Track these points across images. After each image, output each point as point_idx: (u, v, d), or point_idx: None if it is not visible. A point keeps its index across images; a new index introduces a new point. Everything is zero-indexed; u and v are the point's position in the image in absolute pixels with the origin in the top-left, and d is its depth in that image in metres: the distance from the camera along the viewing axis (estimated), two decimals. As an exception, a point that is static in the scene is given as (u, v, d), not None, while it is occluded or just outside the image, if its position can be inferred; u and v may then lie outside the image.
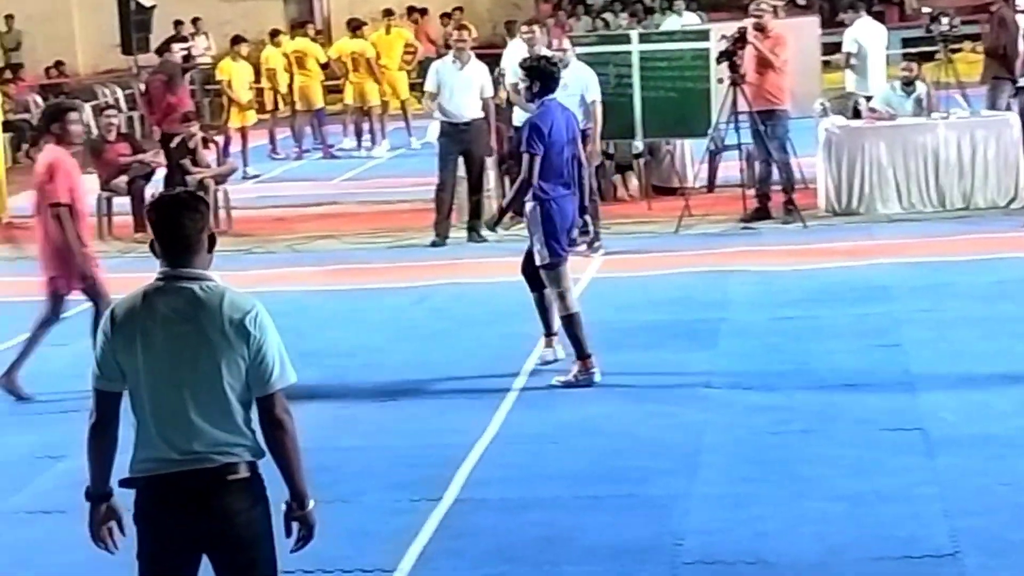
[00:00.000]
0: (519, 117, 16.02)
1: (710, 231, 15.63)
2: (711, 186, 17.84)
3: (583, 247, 14.06)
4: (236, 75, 22.60)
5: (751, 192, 16.11)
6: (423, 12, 31.13)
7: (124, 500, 5.27)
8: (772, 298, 12.52)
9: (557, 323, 10.67)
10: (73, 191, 10.61)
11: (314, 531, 5.32)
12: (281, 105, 24.49)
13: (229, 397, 5.12)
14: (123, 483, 5.23)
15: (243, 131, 22.55)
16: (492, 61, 17.95)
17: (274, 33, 25.07)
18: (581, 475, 8.55)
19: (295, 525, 5.28)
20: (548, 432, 9.36)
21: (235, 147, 22.17)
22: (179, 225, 5.17)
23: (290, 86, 24.09)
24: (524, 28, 15.65)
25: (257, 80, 23.65)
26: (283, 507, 5.26)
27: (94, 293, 10.72)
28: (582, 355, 10.36)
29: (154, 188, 18.14)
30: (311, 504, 5.28)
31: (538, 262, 10.42)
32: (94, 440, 5.27)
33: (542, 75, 10.54)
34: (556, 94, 14.36)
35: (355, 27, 24.45)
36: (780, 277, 13.29)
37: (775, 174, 15.76)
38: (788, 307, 12.18)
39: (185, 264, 5.18)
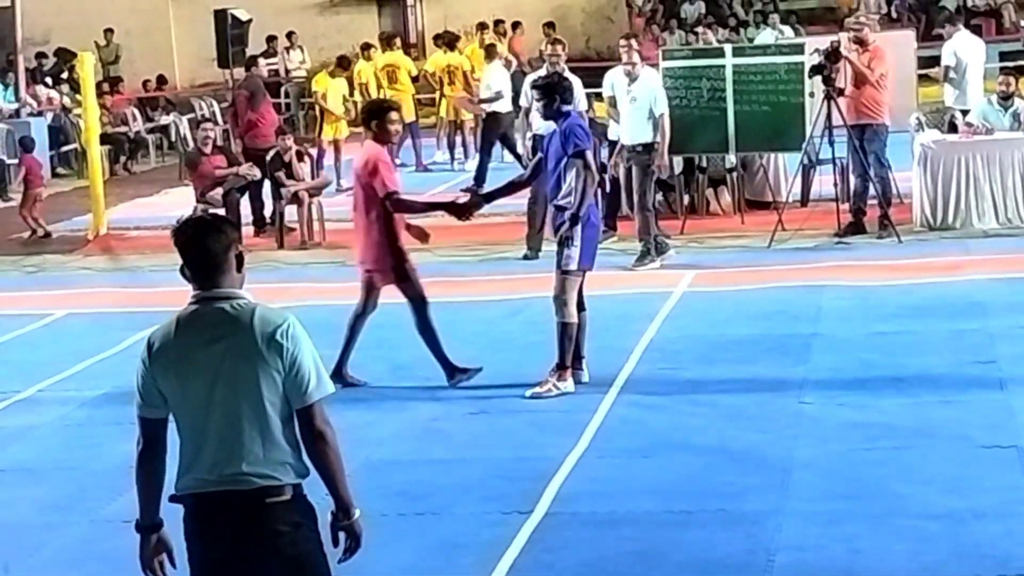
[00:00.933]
0: (614, 131, 16.07)
1: (804, 245, 15.54)
2: (805, 200, 17.74)
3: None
4: (331, 88, 22.75)
5: (845, 206, 16.01)
6: (516, 25, 31.19)
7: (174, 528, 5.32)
8: (866, 313, 12.43)
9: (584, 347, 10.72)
10: (396, 184, 10.85)
11: (360, 540, 5.31)
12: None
13: (269, 413, 5.14)
14: (172, 499, 5.27)
15: (336, 144, 22.69)
16: (586, 75, 17.96)
17: (365, 47, 25.21)
18: (673, 490, 8.53)
19: (342, 535, 5.29)
20: (640, 446, 9.35)
21: (329, 160, 22.31)
22: (205, 247, 5.21)
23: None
24: (621, 42, 15.73)
25: (351, 94, 23.78)
26: (329, 518, 5.28)
27: (410, 290, 10.86)
28: (563, 365, 10.46)
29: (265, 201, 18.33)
30: (356, 513, 5.29)
31: (564, 266, 10.42)
32: (141, 468, 5.32)
33: (559, 90, 10.68)
34: (625, 108, 14.62)
35: (450, 41, 24.53)
36: (874, 292, 13.19)
37: (870, 189, 15.65)
38: (882, 322, 12.09)
39: (215, 285, 5.22)
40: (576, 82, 15.72)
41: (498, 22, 29.13)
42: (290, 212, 17.88)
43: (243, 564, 5.17)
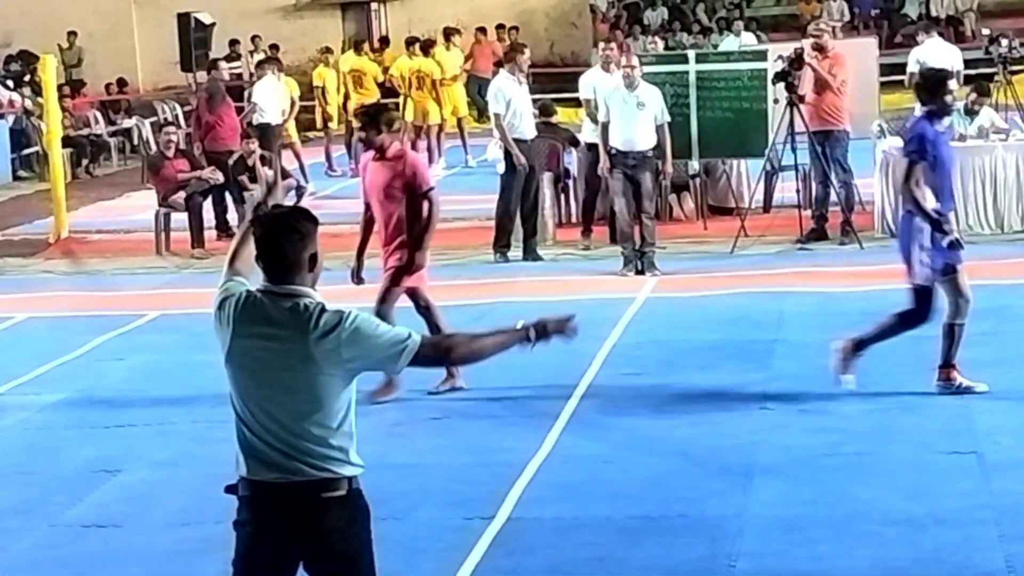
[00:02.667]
0: (588, 134, 16.08)
1: (766, 252, 15.59)
2: (767, 206, 17.78)
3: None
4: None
5: (807, 213, 16.06)
6: (482, 30, 31.28)
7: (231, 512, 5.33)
8: (828, 319, 12.46)
9: None
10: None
11: (549, 329, 5.65)
12: (335, 123, 24.56)
13: (326, 411, 5.15)
14: (228, 489, 5.29)
15: (294, 147, 22.43)
16: (549, 80, 18.01)
17: (325, 51, 25.15)
18: (634, 495, 8.54)
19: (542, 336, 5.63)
20: (602, 451, 9.36)
21: (291, 164, 22.21)
22: (279, 247, 5.20)
23: (346, 104, 24.15)
24: (611, 47, 15.81)
25: (307, 98, 23.68)
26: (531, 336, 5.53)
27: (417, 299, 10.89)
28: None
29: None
30: (523, 324, 5.58)
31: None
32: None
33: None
34: (632, 112, 14.45)
35: (422, 46, 24.52)
36: (836, 298, 13.24)
37: (832, 195, 15.71)
38: (844, 328, 12.06)
39: (284, 282, 5.21)
40: None
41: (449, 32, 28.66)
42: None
43: (292, 557, 5.19)
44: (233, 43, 31.21)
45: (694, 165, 17.46)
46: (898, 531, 7.73)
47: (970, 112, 16.43)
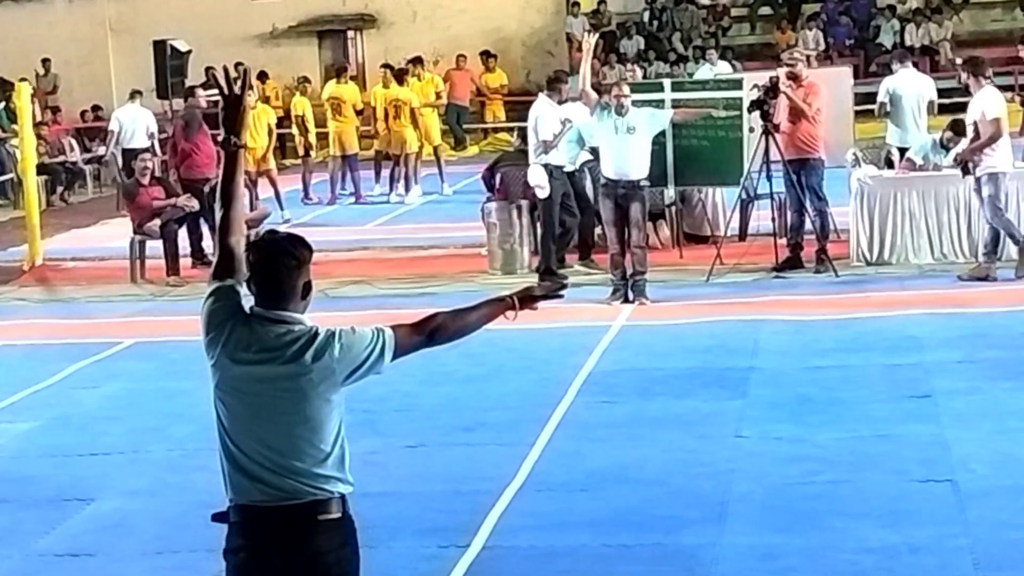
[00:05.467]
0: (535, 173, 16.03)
1: (742, 280, 15.61)
2: (743, 235, 17.82)
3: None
4: (257, 119, 22.26)
5: (783, 241, 16.10)
6: (462, 58, 31.44)
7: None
8: (804, 347, 12.50)
9: None
10: None
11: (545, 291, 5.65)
12: (313, 152, 24.57)
13: (321, 434, 5.15)
14: (215, 517, 5.25)
15: (269, 174, 22.35)
16: (525, 108, 18.08)
17: (303, 80, 25.19)
18: (610, 524, 8.53)
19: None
20: (578, 480, 9.35)
21: (267, 192, 22.19)
22: (273, 271, 5.17)
23: (325, 132, 24.21)
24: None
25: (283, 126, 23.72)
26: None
27: None
28: None
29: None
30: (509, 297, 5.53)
31: None
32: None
33: None
34: (623, 139, 14.46)
35: (395, 74, 24.56)
36: (812, 326, 13.27)
37: (807, 223, 15.74)
38: (820, 356, 12.15)
39: (276, 308, 5.19)
40: None
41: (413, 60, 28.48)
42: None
43: None
44: (209, 69, 31.21)
45: (670, 193, 17.49)
46: (874, 559, 7.73)
47: (945, 147, 16.49)
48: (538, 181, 15.62)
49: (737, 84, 17.02)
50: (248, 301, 5.23)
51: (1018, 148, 17.45)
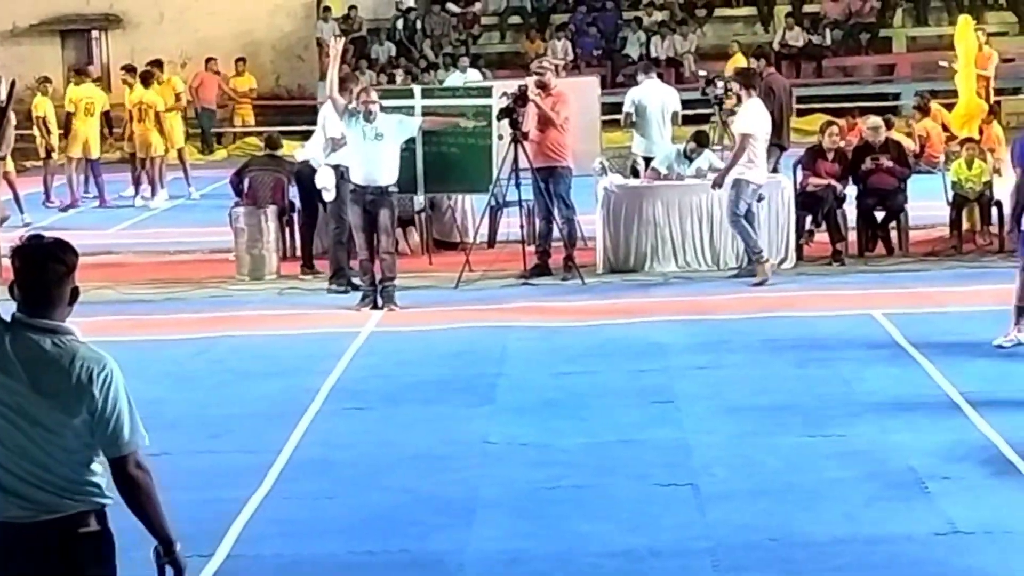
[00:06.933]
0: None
1: (490, 286, 15.71)
2: (492, 242, 17.94)
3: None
4: None
5: (531, 248, 16.24)
6: (212, 60, 31.06)
7: None
8: (551, 354, 12.62)
9: None
10: None
11: (184, 573, 5.32)
12: (55, 154, 23.98)
13: (81, 447, 5.04)
14: None
15: (7, 176, 21.77)
16: (275, 113, 17.92)
17: (44, 81, 24.56)
18: (357, 530, 8.50)
19: (168, 569, 5.27)
20: (325, 487, 9.29)
21: (6, 194, 21.58)
22: (43, 279, 5.03)
23: (65, 134, 23.64)
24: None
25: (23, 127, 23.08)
26: (152, 555, 5.26)
27: None
28: None
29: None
30: (178, 546, 5.28)
31: None
32: None
33: None
34: (371, 145, 14.43)
35: (142, 77, 24.13)
36: (559, 333, 13.40)
37: (555, 231, 15.91)
38: (566, 363, 12.28)
39: (42, 316, 5.04)
40: None
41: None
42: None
43: None
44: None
45: (419, 200, 17.52)
46: (617, 563, 7.84)
47: (688, 157, 16.83)
48: (325, 183, 15.46)
49: (487, 92, 17.14)
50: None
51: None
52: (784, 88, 18.86)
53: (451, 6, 35.74)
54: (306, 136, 19.54)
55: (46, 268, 5.04)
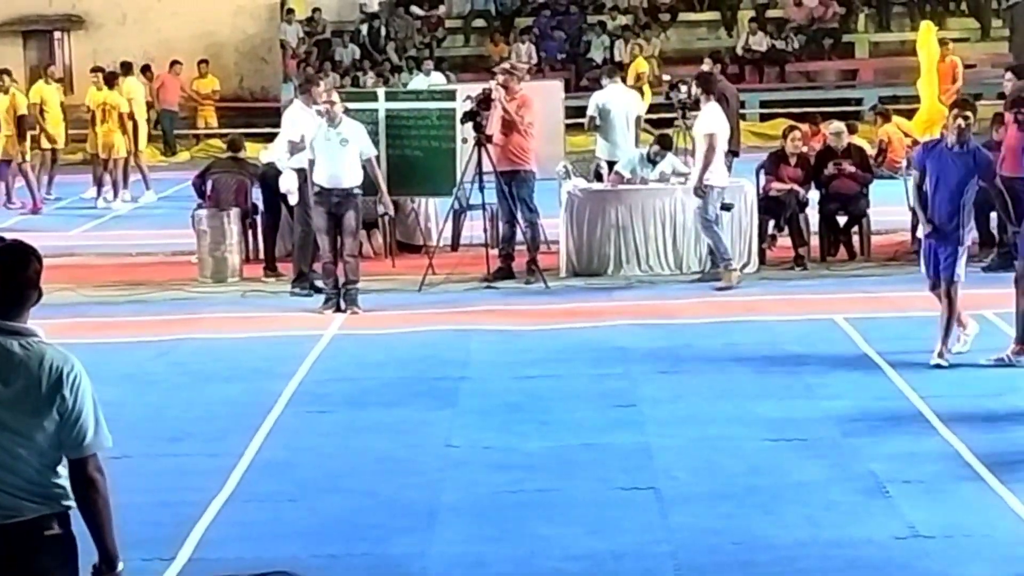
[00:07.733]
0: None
1: (453, 290, 15.70)
2: (455, 245, 17.92)
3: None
4: None
5: (495, 252, 16.23)
6: (175, 63, 30.97)
7: None
8: (514, 357, 12.62)
9: None
10: None
11: None
12: (17, 155, 23.81)
13: (47, 449, 5.04)
14: None
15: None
16: (238, 115, 17.85)
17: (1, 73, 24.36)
18: (319, 534, 8.48)
19: None
20: (287, 490, 9.27)
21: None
22: (16, 277, 5.03)
23: (35, 135, 23.53)
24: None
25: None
26: (91, 570, 5.18)
27: None
28: None
29: None
30: (121, 566, 5.21)
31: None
32: None
33: None
34: (336, 149, 14.30)
35: (108, 78, 24.02)
36: (522, 337, 13.41)
37: (519, 234, 15.92)
38: (529, 367, 12.29)
39: (10, 318, 5.04)
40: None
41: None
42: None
43: None
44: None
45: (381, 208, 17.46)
46: (579, 566, 7.85)
47: (652, 161, 16.85)
48: (288, 187, 15.38)
49: (451, 95, 17.13)
50: None
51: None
52: (735, 95, 18.96)
53: (415, 9, 35.71)
54: (269, 139, 19.52)
55: (24, 270, 5.05)
